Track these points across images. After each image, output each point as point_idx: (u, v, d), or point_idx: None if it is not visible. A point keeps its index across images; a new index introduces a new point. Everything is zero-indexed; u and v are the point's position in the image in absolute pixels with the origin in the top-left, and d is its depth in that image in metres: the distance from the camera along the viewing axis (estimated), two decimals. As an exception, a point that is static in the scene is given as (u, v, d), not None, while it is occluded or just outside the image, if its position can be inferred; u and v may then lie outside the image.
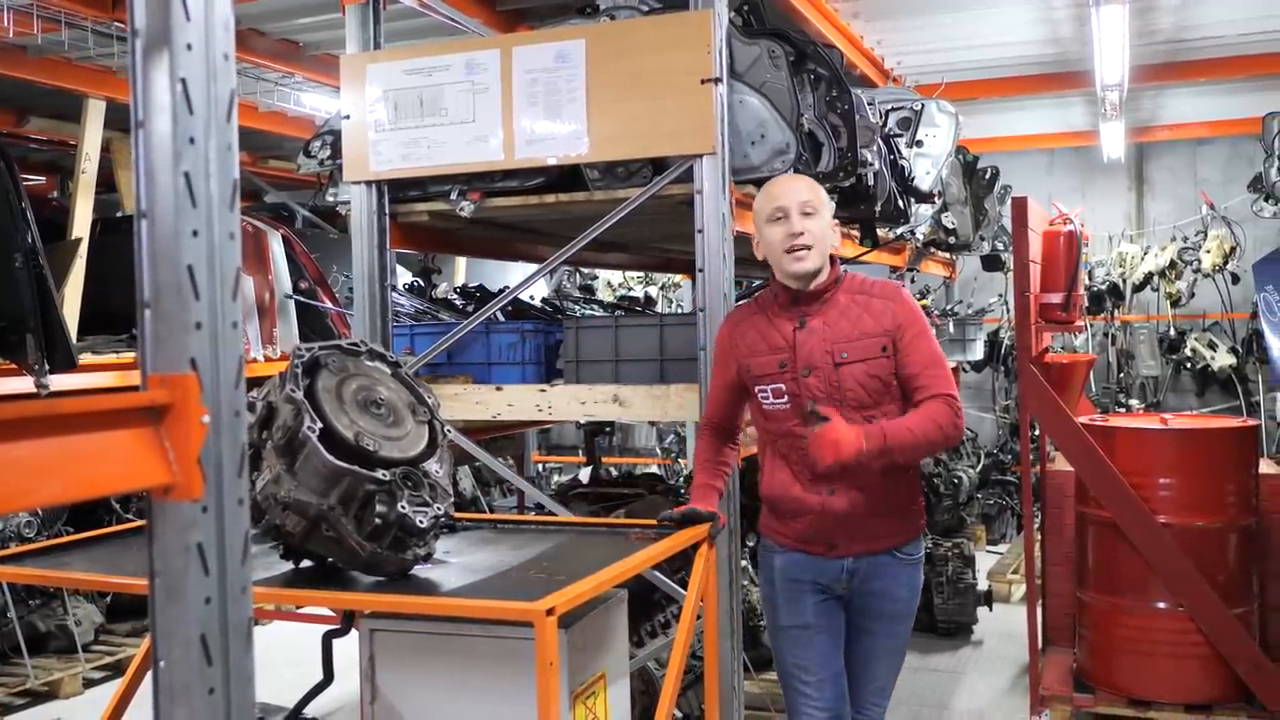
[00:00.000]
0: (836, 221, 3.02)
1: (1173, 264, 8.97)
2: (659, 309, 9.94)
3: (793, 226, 2.92)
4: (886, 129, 5.02)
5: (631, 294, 10.16)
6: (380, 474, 2.45)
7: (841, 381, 2.92)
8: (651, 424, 10.18)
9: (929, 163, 5.44)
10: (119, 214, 7.63)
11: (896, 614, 3.11)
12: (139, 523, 3.35)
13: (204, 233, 1.44)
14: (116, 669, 5.79)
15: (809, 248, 2.92)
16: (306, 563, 2.67)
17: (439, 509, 2.55)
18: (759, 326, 3.05)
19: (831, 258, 3.01)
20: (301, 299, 6.32)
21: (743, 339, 3.07)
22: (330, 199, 4.24)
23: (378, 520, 2.45)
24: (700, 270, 3.53)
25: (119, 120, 7.22)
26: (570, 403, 3.80)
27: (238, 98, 1.53)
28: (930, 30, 5.96)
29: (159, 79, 1.42)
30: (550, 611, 2.12)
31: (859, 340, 2.93)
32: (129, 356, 5.76)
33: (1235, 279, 8.90)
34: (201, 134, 1.44)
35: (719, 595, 3.43)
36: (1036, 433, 5.51)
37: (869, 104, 4.76)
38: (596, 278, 10.38)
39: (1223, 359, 8.97)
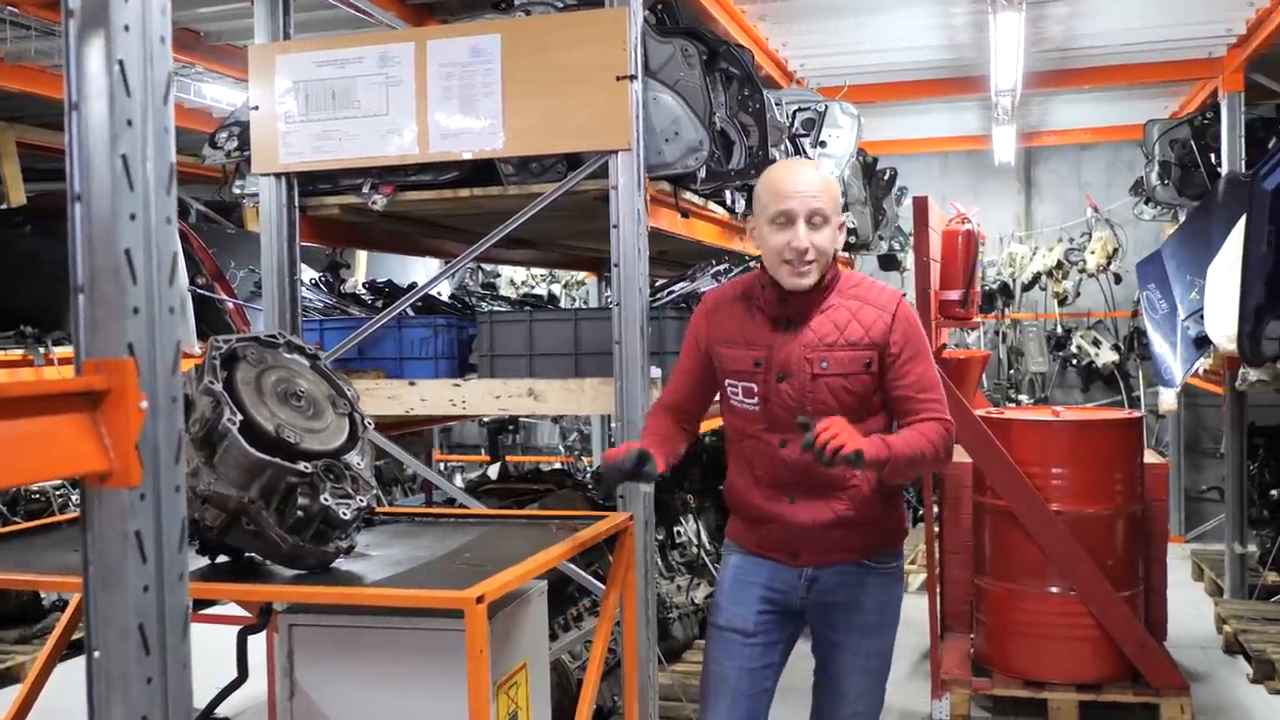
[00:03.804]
0: (843, 222, 2.76)
1: (1060, 264, 9.28)
2: (562, 307, 9.94)
3: (799, 241, 2.63)
4: (792, 129, 5.12)
5: (534, 292, 10.14)
6: (302, 466, 2.43)
7: (816, 393, 2.68)
8: (554, 422, 10.19)
9: (832, 163, 5.57)
10: (4, 206, 7.38)
11: (865, 626, 2.82)
12: (40, 522, 3.27)
13: (142, 216, 1.44)
14: (5, 677, 5.60)
15: (812, 263, 2.65)
16: (222, 559, 2.64)
17: (361, 501, 2.54)
18: (738, 316, 2.79)
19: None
20: (201, 291, 6.19)
21: (719, 325, 2.82)
22: (237, 191, 4.17)
23: (300, 513, 2.44)
24: (615, 265, 3.57)
25: (3, 110, 6.98)
26: (485, 397, 3.81)
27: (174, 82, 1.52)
28: (833, 34, 6.08)
29: (94, 60, 1.41)
30: (481, 599, 2.13)
31: (843, 350, 2.68)
32: (16, 353, 5.59)
33: (1118, 279, 9.26)
34: (139, 117, 1.44)
35: (636, 586, 3.47)
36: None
37: (776, 104, 4.86)
38: (499, 276, 10.34)
39: (1106, 356, 9.33)
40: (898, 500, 2.90)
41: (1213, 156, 6.94)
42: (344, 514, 2.47)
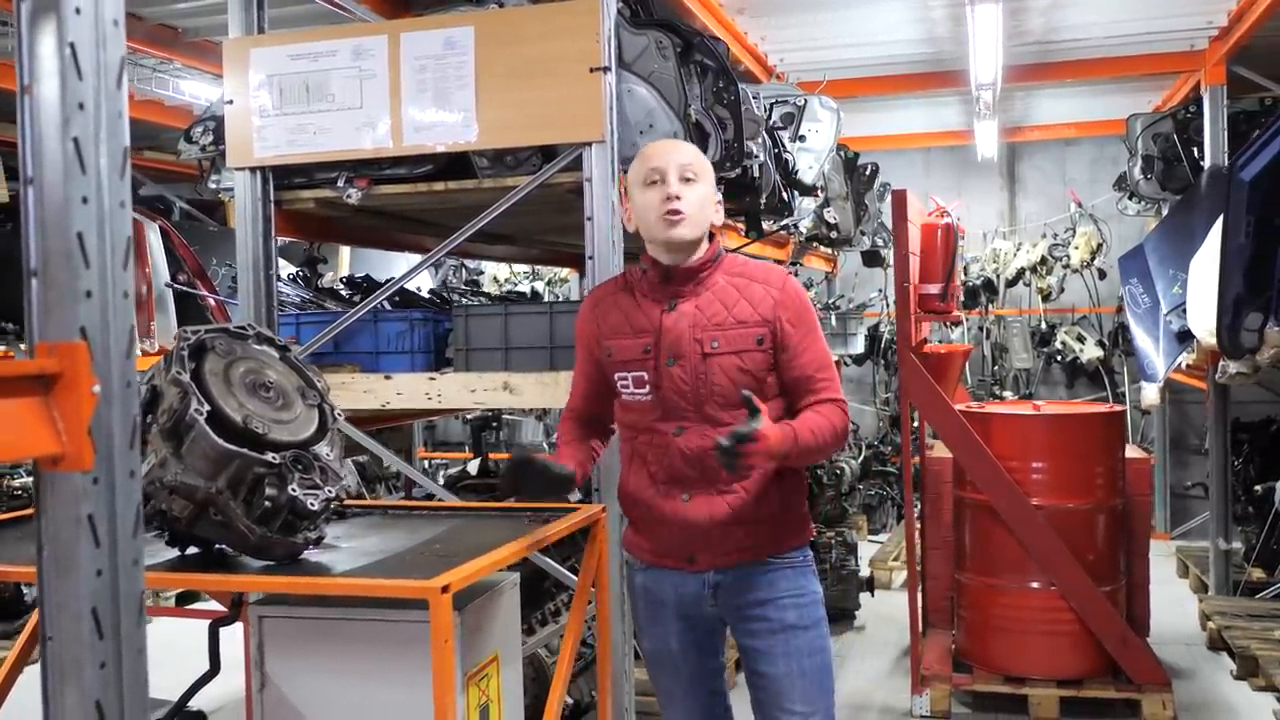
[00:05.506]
0: (720, 198, 2.78)
1: (1043, 260, 9.30)
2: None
3: (669, 190, 2.61)
4: (771, 123, 5.11)
5: (518, 289, 10.13)
6: (270, 457, 2.42)
7: (709, 374, 2.62)
8: (538, 419, 10.18)
9: (811, 157, 5.56)
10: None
11: (786, 625, 2.70)
12: (13, 514, 3.25)
13: (94, 200, 1.43)
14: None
15: (685, 214, 2.61)
16: (192, 550, 2.63)
17: (330, 492, 2.52)
18: (624, 306, 2.73)
19: (711, 235, 2.72)
20: (181, 287, 6.16)
21: (605, 319, 2.76)
22: (213, 186, 4.16)
23: (267, 503, 2.42)
24: (590, 258, 3.56)
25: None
26: (460, 390, 3.79)
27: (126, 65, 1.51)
28: (812, 28, 6.08)
29: (46, 43, 1.40)
30: (445, 589, 2.12)
31: (733, 329, 2.62)
32: (-4, 349, 5.59)
33: (1102, 274, 9.28)
34: (91, 100, 1.42)
35: (610, 579, 3.46)
36: (916, 423, 5.68)
37: (754, 98, 4.86)
38: (483, 273, 10.33)
39: (1090, 351, 9.35)
40: (799, 493, 2.82)
41: (1195, 150, 6.95)
42: (312, 505, 2.45)
